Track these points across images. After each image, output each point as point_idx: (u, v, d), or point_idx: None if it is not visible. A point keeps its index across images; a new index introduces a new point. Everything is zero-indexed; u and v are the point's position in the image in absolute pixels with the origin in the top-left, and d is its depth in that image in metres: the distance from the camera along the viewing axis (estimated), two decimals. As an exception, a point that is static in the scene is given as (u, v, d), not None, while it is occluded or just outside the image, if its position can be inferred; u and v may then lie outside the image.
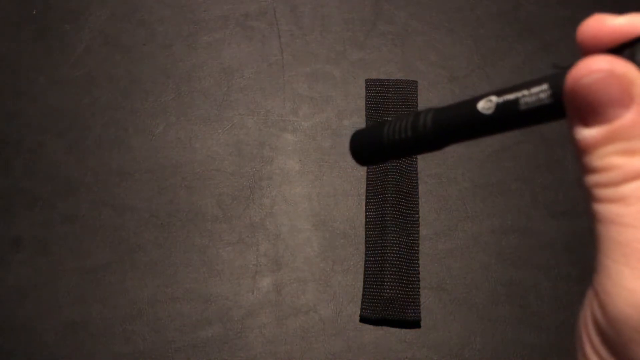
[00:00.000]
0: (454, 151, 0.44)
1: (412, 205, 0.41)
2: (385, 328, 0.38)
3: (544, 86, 0.17)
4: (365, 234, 0.41)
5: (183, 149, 0.44)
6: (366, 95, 0.46)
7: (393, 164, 0.42)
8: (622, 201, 0.13)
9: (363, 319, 0.38)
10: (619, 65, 0.13)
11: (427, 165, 0.44)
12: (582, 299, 0.35)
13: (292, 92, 0.46)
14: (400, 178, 0.42)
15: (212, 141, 0.45)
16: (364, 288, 0.39)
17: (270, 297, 0.39)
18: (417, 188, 0.42)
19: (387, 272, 0.38)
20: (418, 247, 0.40)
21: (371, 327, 0.38)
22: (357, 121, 0.46)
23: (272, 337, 0.38)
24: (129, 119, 0.45)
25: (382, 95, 0.45)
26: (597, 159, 0.14)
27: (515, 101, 0.17)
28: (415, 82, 0.46)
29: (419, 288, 0.39)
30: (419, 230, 0.41)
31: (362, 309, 0.39)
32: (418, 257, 0.40)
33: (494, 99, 0.18)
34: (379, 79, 0.46)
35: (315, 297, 0.39)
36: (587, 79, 0.14)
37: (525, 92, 0.17)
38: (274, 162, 0.44)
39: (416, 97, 0.45)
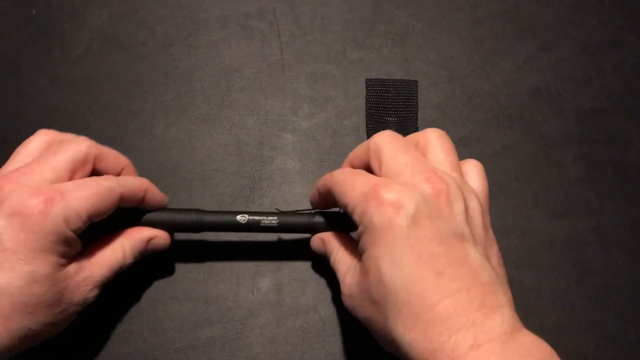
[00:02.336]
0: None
1: None
2: (385, 328, 0.38)
3: (275, 218, 0.36)
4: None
5: (182, 148, 0.44)
6: (366, 94, 0.45)
7: None
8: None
9: None
10: (323, 235, 0.35)
11: None
12: (582, 298, 0.35)
13: (292, 92, 0.46)
14: None
15: (212, 141, 0.45)
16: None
17: (270, 297, 0.39)
18: None
19: None
20: None
21: (371, 327, 0.38)
22: (357, 121, 0.46)
23: (272, 338, 0.38)
24: (129, 118, 0.45)
25: (382, 95, 0.45)
26: (335, 263, 0.33)
27: (259, 220, 0.36)
28: (416, 81, 0.46)
29: None
30: None
31: None
32: None
33: (247, 217, 0.36)
34: (379, 79, 0.46)
35: (316, 297, 0.39)
36: (314, 242, 0.36)
37: (264, 218, 0.36)
38: (274, 162, 0.44)
39: (416, 96, 0.45)
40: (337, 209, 0.36)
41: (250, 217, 0.35)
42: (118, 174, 0.35)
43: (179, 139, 0.44)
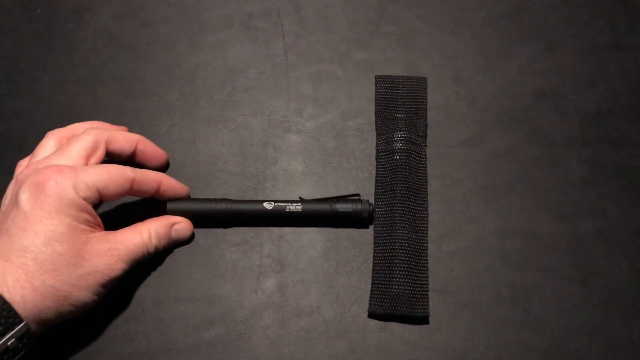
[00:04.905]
0: (459, 153, 0.44)
1: (421, 202, 0.41)
2: (388, 330, 0.38)
3: (299, 204, 0.38)
4: (374, 230, 0.40)
5: (187, 149, 0.44)
6: (376, 91, 0.45)
7: (403, 162, 0.41)
8: None
9: (371, 315, 0.38)
10: None
11: (432, 167, 0.43)
12: (585, 301, 0.37)
13: (296, 93, 0.45)
14: (410, 175, 0.41)
15: (216, 141, 0.44)
16: (372, 284, 0.38)
17: (273, 299, 0.39)
18: (427, 185, 0.41)
19: (396, 268, 0.38)
20: (427, 243, 0.40)
21: (375, 328, 0.38)
22: (362, 122, 0.45)
23: (275, 338, 0.37)
24: (133, 119, 0.44)
25: (391, 92, 0.44)
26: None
27: (284, 207, 0.38)
28: (425, 78, 0.45)
29: (427, 284, 0.38)
30: (427, 227, 0.40)
31: (370, 304, 0.38)
32: (427, 253, 0.39)
33: (273, 203, 0.38)
34: (389, 76, 0.45)
35: (319, 298, 0.38)
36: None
37: (289, 204, 0.38)
38: (277, 162, 0.43)
39: (426, 93, 0.44)
40: (357, 194, 0.40)
41: (276, 204, 0.38)
42: (133, 151, 0.38)
43: (183, 139, 0.44)
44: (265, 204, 0.38)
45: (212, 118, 0.45)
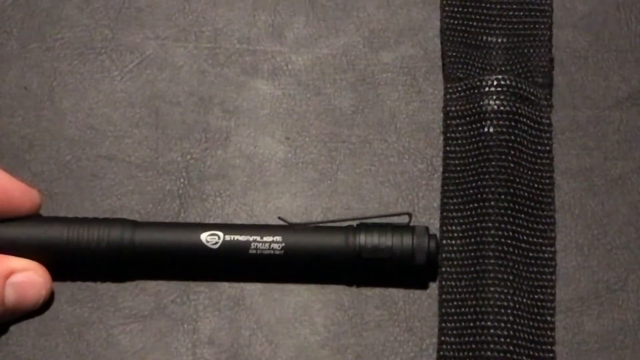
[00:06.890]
0: (621, 121, 0.38)
1: (540, 228, 0.36)
2: None
3: (278, 238, 0.32)
4: (441, 290, 0.35)
5: (36, 111, 0.38)
6: None
7: (502, 139, 0.36)
8: None
9: None
10: None
11: (564, 150, 0.37)
12: None
13: None
14: (518, 169, 0.37)
15: (99, 96, 0.39)
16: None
17: None
18: (553, 190, 0.37)
19: None
20: (553, 315, 0.35)
21: None
22: (412, 53, 0.39)
23: None
24: None
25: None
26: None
27: (246, 244, 0.32)
28: None
29: None
30: (554, 281, 0.36)
31: None
32: (553, 337, 0.34)
33: (221, 235, 0.33)
34: None
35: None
36: None
37: (257, 238, 0.32)
38: (230, 141, 0.38)
39: (551, 3, 0.39)
40: (405, 214, 0.35)
41: (229, 237, 0.33)
42: None
43: (30, 91, 0.39)
44: (204, 236, 0.33)
45: (92, 45, 0.40)
